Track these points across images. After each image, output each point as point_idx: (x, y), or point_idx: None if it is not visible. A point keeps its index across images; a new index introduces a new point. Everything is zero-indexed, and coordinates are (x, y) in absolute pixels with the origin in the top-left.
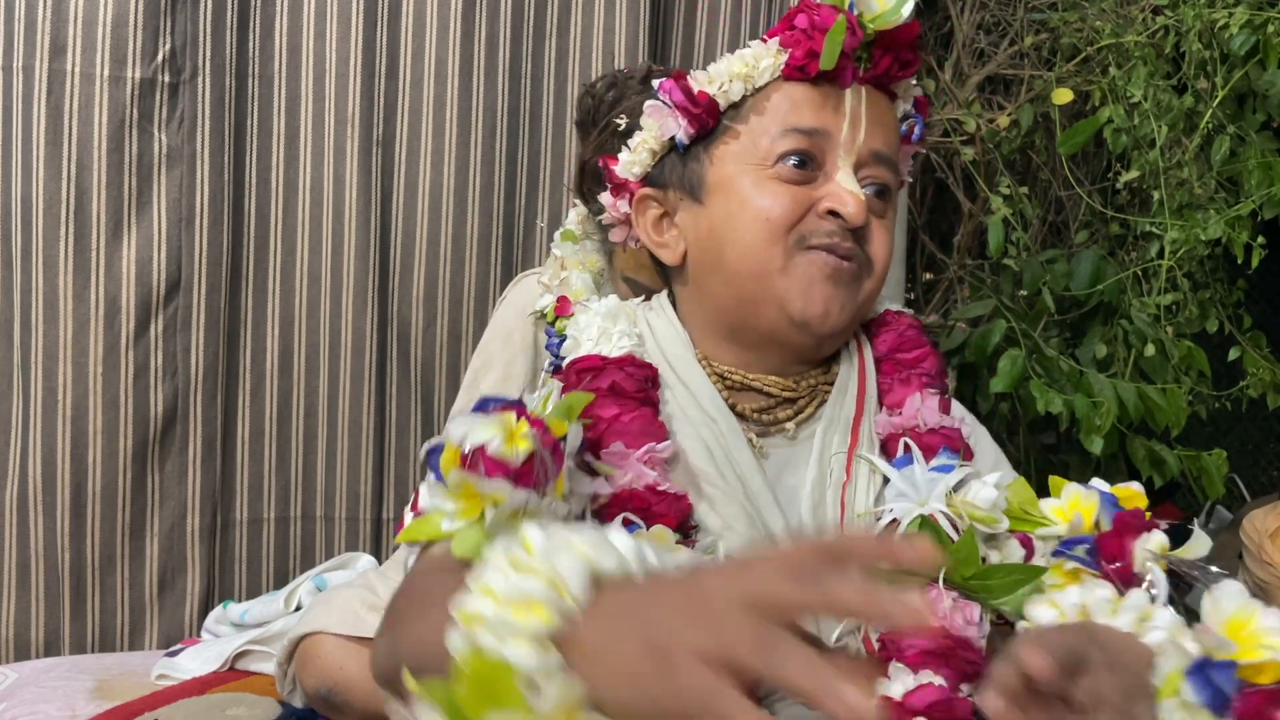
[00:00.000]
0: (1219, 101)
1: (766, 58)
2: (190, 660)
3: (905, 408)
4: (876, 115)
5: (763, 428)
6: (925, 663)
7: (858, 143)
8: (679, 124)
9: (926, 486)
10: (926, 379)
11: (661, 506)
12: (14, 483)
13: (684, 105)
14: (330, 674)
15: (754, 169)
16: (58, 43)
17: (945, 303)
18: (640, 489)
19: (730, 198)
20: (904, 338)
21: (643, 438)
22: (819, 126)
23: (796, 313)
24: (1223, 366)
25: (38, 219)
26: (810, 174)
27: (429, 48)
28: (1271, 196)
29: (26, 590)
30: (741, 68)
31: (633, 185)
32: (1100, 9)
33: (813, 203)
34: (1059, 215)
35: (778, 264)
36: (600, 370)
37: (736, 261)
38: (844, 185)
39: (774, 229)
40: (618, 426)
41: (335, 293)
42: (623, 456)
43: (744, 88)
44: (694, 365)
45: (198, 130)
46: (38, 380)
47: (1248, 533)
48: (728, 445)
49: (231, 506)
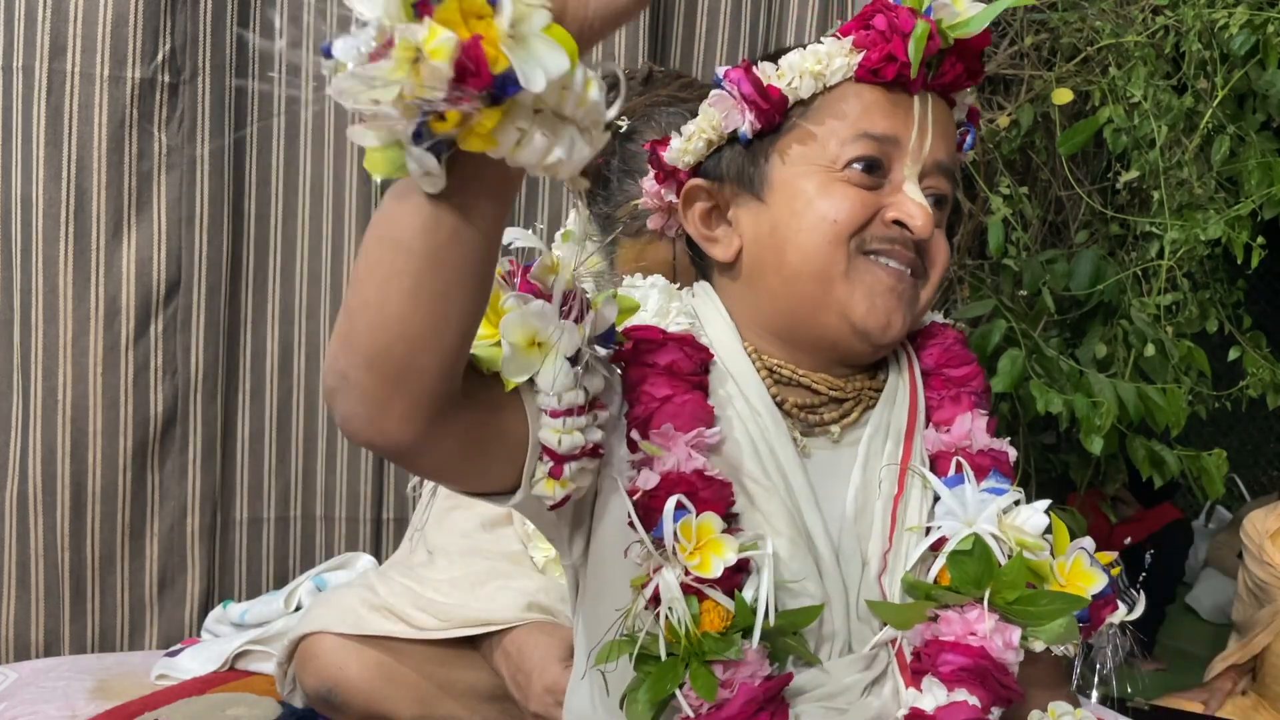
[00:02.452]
0: (1219, 101)
1: (840, 57)
2: (190, 660)
3: (955, 426)
4: (942, 124)
5: (807, 427)
6: (960, 680)
7: (924, 151)
8: (745, 117)
9: (977, 507)
10: (975, 398)
11: (709, 492)
12: (14, 483)
13: (753, 98)
14: (330, 674)
15: (821, 170)
16: (58, 43)
17: (945, 303)
18: (688, 472)
19: (795, 198)
20: (951, 352)
21: (694, 422)
22: (890, 133)
23: (859, 321)
24: (1223, 366)
25: (38, 219)
26: (878, 180)
27: None
28: (1271, 196)
29: (26, 590)
30: (814, 65)
31: (683, 174)
32: (1100, 9)
33: (879, 209)
34: (1059, 215)
35: (840, 268)
36: (661, 345)
37: (799, 263)
38: (911, 196)
39: (839, 232)
40: (670, 408)
41: (335, 292)
42: (672, 439)
43: (815, 85)
44: (743, 356)
45: (198, 130)
46: (38, 380)
47: (1248, 532)
48: (772, 440)
49: (231, 506)
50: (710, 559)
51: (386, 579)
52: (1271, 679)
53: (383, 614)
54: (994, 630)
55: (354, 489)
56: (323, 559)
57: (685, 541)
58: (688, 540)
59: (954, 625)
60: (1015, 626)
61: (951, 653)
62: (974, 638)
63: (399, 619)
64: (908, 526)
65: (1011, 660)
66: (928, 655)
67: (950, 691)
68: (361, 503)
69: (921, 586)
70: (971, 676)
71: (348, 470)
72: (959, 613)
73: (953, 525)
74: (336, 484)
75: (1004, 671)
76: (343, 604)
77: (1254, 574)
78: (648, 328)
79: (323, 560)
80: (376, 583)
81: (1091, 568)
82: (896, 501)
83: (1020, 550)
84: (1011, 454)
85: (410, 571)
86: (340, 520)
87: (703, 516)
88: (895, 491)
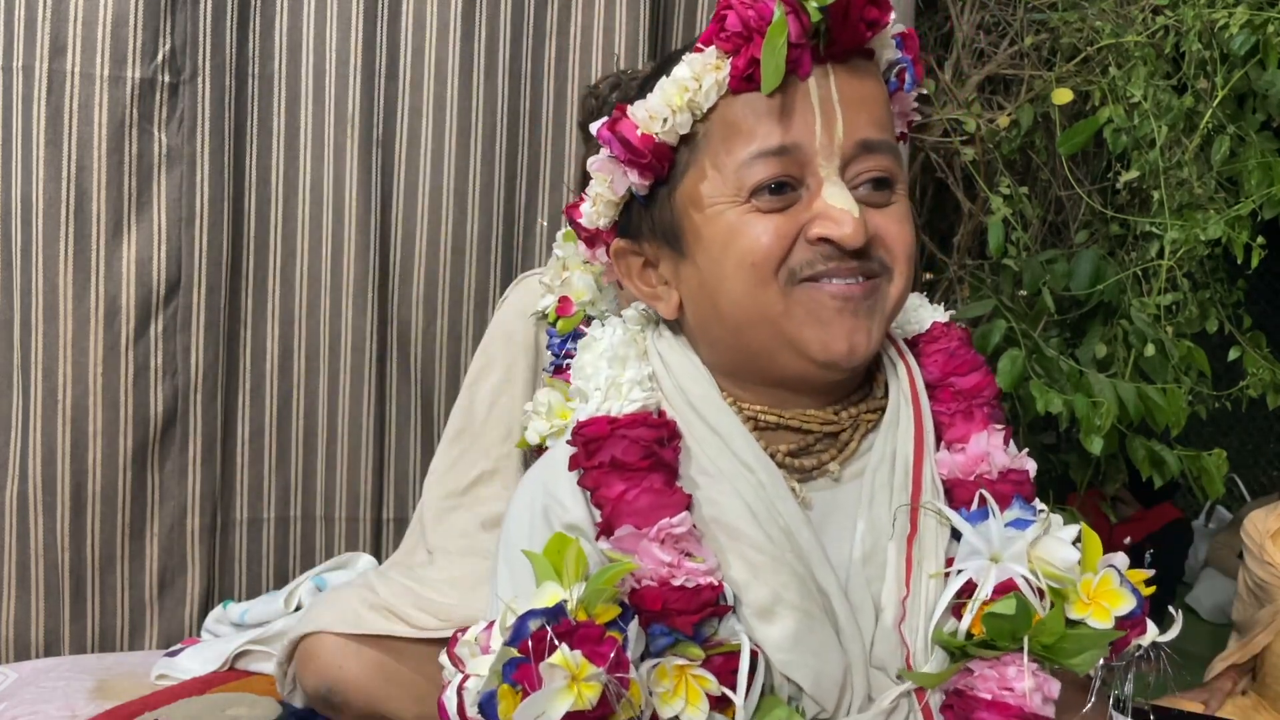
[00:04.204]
0: (1219, 101)
1: (708, 75)
2: (190, 660)
3: (971, 447)
4: (854, 95)
5: (804, 474)
6: None
7: (837, 140)
8: (629, 176)
9: (1003, 544)
10: (989, 410)
11: (680, 603)
12: (14, 483)
13: (630, 158)
14: (330, 674)
15: (728, 206)
16: (58, 43)
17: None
18: (654, 586)
19: (711, 245)
20: (957, 358)
21: (654, 513)
22: (789, 141)
23: (818, 354)
24: (1223, 366)
25: (38, 219)
26: (792, 197)
27: (429, 48)
28: (1271, 196)
29: (26, 590)
30: (680, 95)
31: (605, 235)
32: (1100, 9)
33: (800, 228)
34: (1059, 215)
35: (778, 308)
36: (602, 441)
37: (734, 313)
38: (831, 203)
39: (760, 272)
40: (623, 506)
41: (335, 293)
42: (635, 539)
43: (692, 115)
44: (722, 407)
45: (198, 130)
46: (38, 380)
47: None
48: (769, 498)
49: (231, 506)
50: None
51: (386, 579)
52: (1271, 679)
53: (382, 614)
54: (1034, 687)
55: (354, 489)
56: (323, 559)
57: (666, 687)
58: (667, 684)
59: (990, 682)
60: (1054, 680)
61: (987, 711)
62: (1011, 695)
63: (399, 619)
64: (929, 573)
65: (1051, 714)
66: (961, 709)
67: None
68: (361, 503)
69: (955, 644)
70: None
71: (348, 470)
72: (993, 666)
73: (978, 565)
74: (336, 484)
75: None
76: (343, 604)
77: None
78: (593, 423)
79: (323, 560)
80: (376, 582)
81: (1121, 587)
82: (910, 542)
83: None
84: (1032, 469)
85: (410, 571)
86: (340, 520)
87: (670, 663)
88: (909, 530)
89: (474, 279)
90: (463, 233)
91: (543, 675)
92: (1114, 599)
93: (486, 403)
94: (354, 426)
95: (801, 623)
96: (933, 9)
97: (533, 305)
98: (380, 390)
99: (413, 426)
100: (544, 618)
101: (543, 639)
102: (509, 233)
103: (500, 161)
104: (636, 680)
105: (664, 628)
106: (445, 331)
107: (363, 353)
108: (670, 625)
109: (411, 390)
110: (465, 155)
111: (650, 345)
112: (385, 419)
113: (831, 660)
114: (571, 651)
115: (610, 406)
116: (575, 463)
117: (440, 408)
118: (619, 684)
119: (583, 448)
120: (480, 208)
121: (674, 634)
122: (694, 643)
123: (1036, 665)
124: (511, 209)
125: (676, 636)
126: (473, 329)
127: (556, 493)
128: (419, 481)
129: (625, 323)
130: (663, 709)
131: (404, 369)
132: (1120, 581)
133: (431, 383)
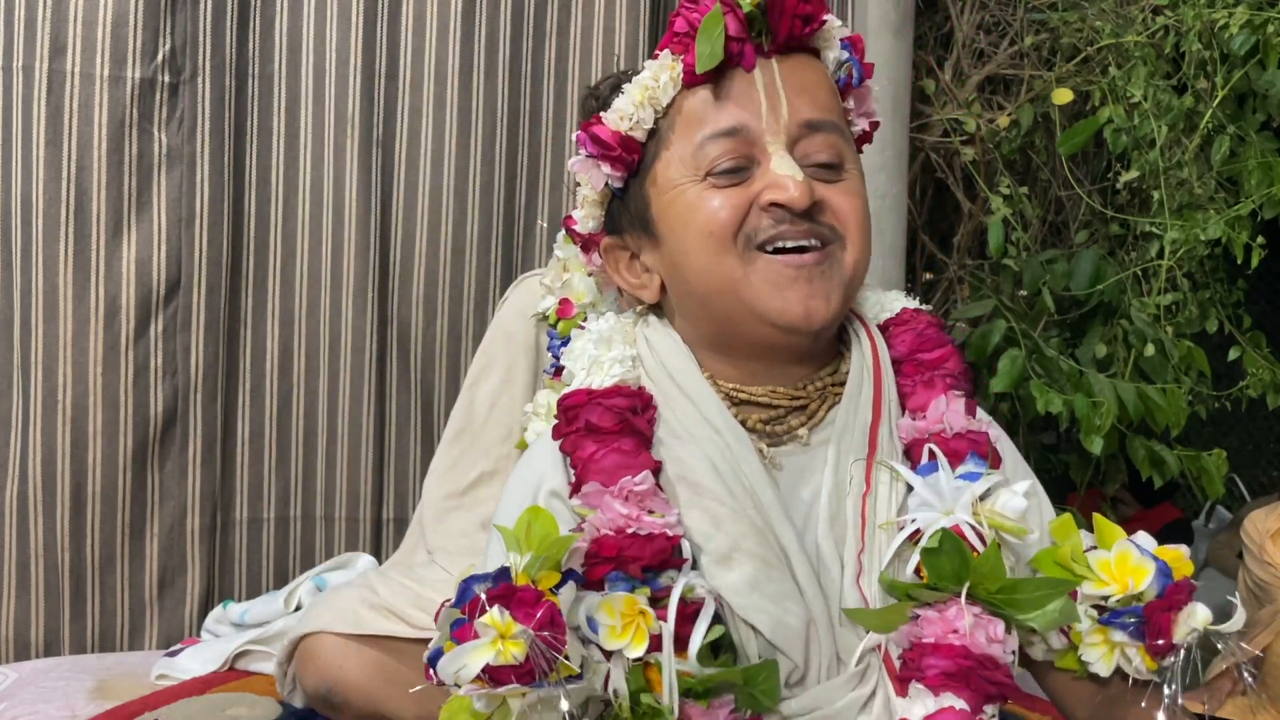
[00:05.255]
0: (1219, 101)
1: (664, 73)
2: (190, 660)
3: (929, 411)
4: (797, 83)
5: (774, 438)
6: (946, 685)
7: (782, 120)
8: (605, 171)
9: (952, 495)
10: (950, 380)
11: (633, 550)
12: (14, 483)
13: (600, 153)
14: (330, 674)
15: (687, 185)
16: (58, 43)
17: (945, 303)
18: (610, 533)
19: (675, 223)
20: (924, 337)
21: (618, 472)
22: (735, 124)
23: (777, 318)
24: (1223, 366)
25: (38, 219)
26: (744, 175)
27: (429, 48)
28: (1271, 196)
29: (26, 590)
30: (641, 93)
31: (597, 238)
32: (1100, 9)
33: (752, 198)
34: (1059, 215)
35: (738, 273)
36: (580, 408)
37: (701, 283)
38: (777, 170)
39: (719, 239)
40: (592, 465)
41: (335, 293)
42: (599, 495)
43: (654, 111)
44: (698, 378)
45: (198, 130)
46: (38, 380)
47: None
48: (735, 458)
49: (231, 506)
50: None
51: (386, 579)
52: (1272, 679)
53: (383, 614)
54: (975, 626)
55: (354, 489)
56: (323, 559)
57: (611, 622)
58: (611, 618)
59: (935, 625)
60: (998, 619)
61: (934, 655)
62: (955, 636)
63: (399, 619)
64: (879, 524)
65: (999, 654)
66: (912, 660)
67: (937, 696)
68: (361, 503)
69: (899, 586)
70: (956, 679)
71: (348, 470)
72: (939, 611)
73: (927, 516)
74: (336, 484)
75: (992, 667)
76: (342, 604)
77: (1254, 574)
78: (573, 394)
79: (323, 560)
80: (376, 582)
81: (1141, 559)
82: (865, 499)
83: (997, 537)
84: (993, 433)
85: (410, 571)
86: (340, 520)
87: (617, 596)
88: (865, 489)
89: (474, 279)
90: (463, 233)
91: (476, 631)
92: (1137, 573)
93: (487, 403)
94: (354, 426)
95: (759, 570)
96: (933, 9)
97: (533, 306)
98: (380, 390)
99: (413, 426)
100: (484, 582)
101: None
102: (509, 233)
103: (500, 161)
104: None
105: (619, 574)
106: (445, 331)
107: (363, 353)
108: (625, 572)
109: (411, 390)
110: (465, 155)
111: (639, 332)
112: (385, 419)
113: (791, 610)
114: (501, 612)
115: (592, 381)
116: (557, 431)
117: (440, 408)
118: (548, 644)
119: (563, 415)
120: (480, 208)
121: (629, 581)
122: (645, 586)
123: (980, 609)
124: (511, 209)
125: (632, 584)
126: (473, 329)
127: (539, 464)
128: (419, 481)
129: (618, 315)
130: (608, 643)
131: (404, 369)
132: (1140, 555)
133: (431, 383)
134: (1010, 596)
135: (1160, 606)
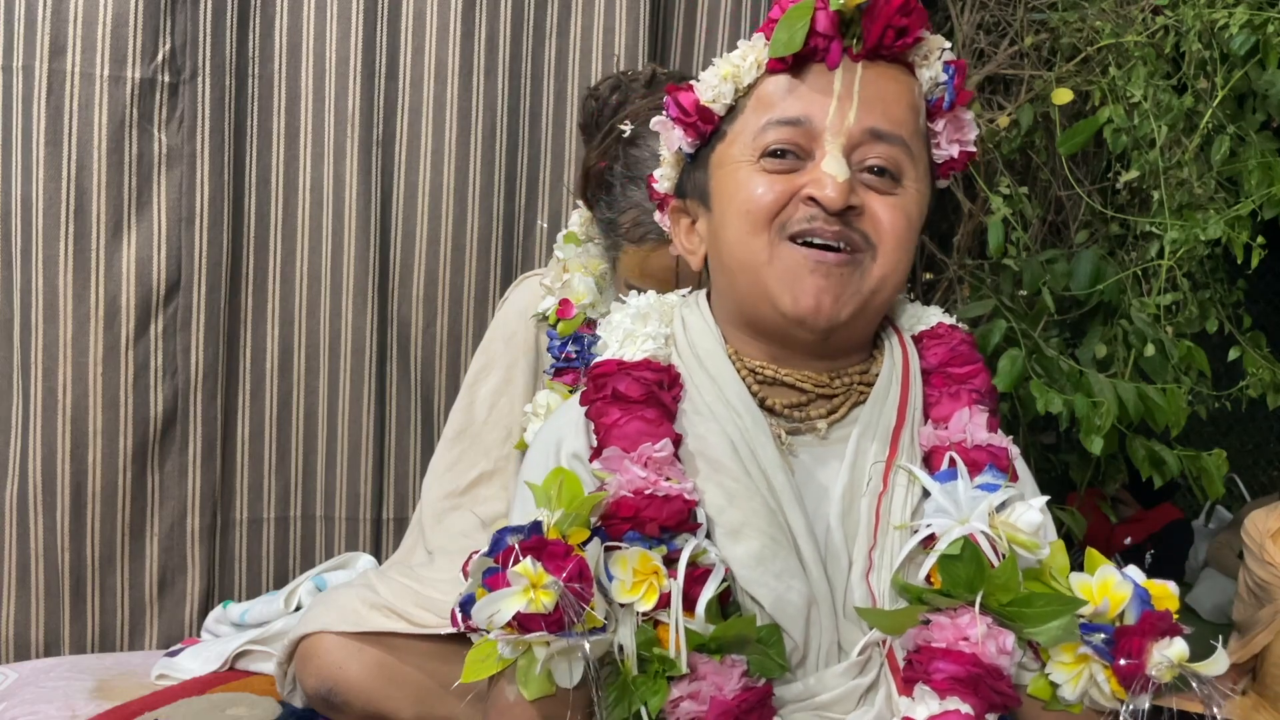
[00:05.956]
0: (1219, 101)
1: (750, 54)
2: (190, 660)
3: (952, 422)
4: (875, 91)
5: (793, 424)
6: (953, 689)
7: (847, 123)
8: (679, 135)
9: (969, 504)
10: (976, 395)
11: (650, 511)
12: (14, 483)
13: (679, 117)
14: (330, 674)
15: (742, 164)
16: (58, 43)
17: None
18: (629, 494)
19: (724, 197)
20: (956, 352)
21: (639, 439)
22: (799, 115)
23: (787, 308)
24: (1223, 366)
25: (38, 219)
26: (796, 163)
27: (429, 48)
28: (1271, 196)
29: (26, 590)
30: (728, 69)
31: (668, 198)
32: (1100, 9)
33: (796, 189)
34: (1059, 215)
35: (764, 256)
36: (609, 377)
37: (729, 257)
38: (826, 169)
39: (756, 220)
40: (615, 431)
41: (335, 293)
42: (619, 459)
43: (734, 88)
44: (724, 360)
45: (198, 130)
46: (38, 380)
47: (1248, 532)
48: (751, 439)
49: (231, 506)
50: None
51: (386, 578)
52: (1271, 679)
53: (383, 612)
54: (987, 636)
55: (354, 489)
56: (323, 559)
57: (624, 577)
58: (624, 573)
59: (946, 631)
60: (1009, 631)
61: (943, 660)
62: (966, 644)
63: (399, 617)
64: (894, 525)
65: (1006, 666)
66: (919, 662)
67: (943, 700)
68: (361, 503)
69: (912, 590)
70: (964, 685)
71: (348, 470)
72: (951, 617)
73: (943, 522)
74: (336, 484)
75: (998, 677)
76: (343, 603)
77: (1254, 574)
78: (604, 363)
79: (323, 560)
80: (376, 582)
81: (1122, 583)
82: (881, 499)
83: (1013, 550)
84: (1012, 450)
85: (410, 571)
86: (340, 520)
87: (633, 552)
88: (880, 489)
89: (474, 279)
90: (463, 233)
91: (509, 580)
92: (1115, 597)
93: (487, 403)
94: (354, 426)
95: (766, 546)
96: (933, 9)
97: (533, 306)
98: (380, 390)
99: (413, 426)
100: (518, 534)
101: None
102: (509, 233)
103: (500, 161)
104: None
105: (636, 534)
106: (445, 331)
107: (363, 353)
108: (641, 532)
109: (411, 390)
110: (465, 155)
111: (678, 312)
112: (385, 419)
113: (794, 588)
114: (534, 563)
115: (624, 353)
116: (585, 397)
117: (440, 408)
118: (576, 596)
119: (592, 382)
120: (480, 208)
121: (646, 540)
122: (661, 545)
123: (992, 619)
124: (511, 209)
125: (649, 543)
126: (473, 329)
127: (563, 428)
128: (419, 481)
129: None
130: (620, 596)
131: (404, 369)
132: (1121, 579)
133: (431, 383)
134: (1021, 610)
135: (1135, 630)
